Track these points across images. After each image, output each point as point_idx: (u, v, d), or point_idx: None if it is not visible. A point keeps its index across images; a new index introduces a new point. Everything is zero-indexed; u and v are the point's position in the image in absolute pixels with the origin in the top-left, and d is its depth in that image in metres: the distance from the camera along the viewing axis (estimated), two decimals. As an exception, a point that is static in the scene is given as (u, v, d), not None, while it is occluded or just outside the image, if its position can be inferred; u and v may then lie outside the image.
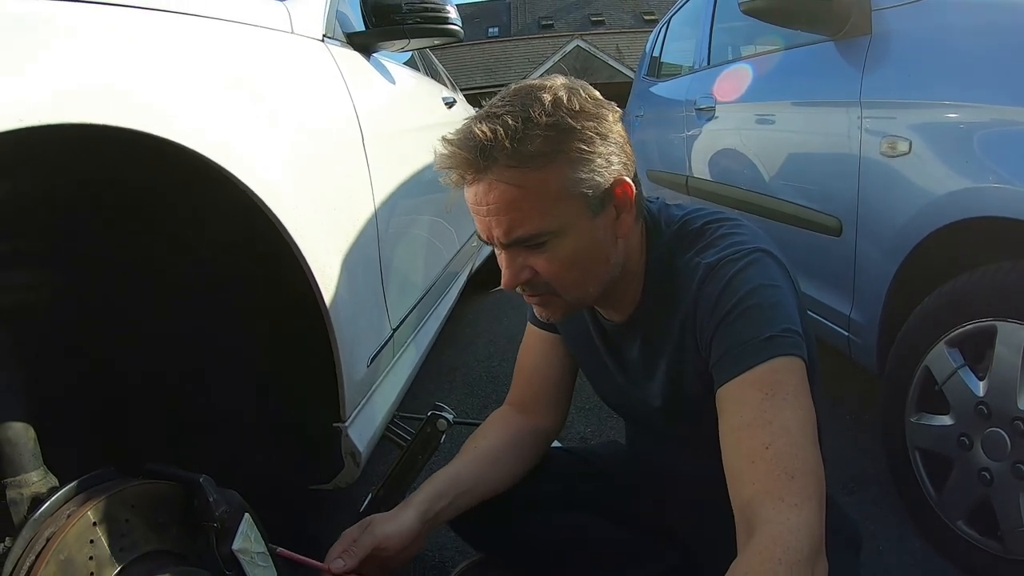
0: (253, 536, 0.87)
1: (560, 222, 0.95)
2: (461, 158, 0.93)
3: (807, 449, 0.89)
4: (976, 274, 1.41)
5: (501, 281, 1.01)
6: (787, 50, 2.26)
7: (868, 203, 1.70)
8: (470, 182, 0.95)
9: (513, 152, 0.90)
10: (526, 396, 1.32)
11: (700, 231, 1.07)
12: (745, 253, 0.99)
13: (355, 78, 1.63)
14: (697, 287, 1.01)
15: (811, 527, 0.84)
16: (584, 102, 0.96)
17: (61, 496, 0.74)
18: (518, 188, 0.92)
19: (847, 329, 1.87)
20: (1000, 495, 1.36)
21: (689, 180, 3.18)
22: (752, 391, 0.92)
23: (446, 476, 1.19)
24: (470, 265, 3.30)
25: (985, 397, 1.37)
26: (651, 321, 1.10)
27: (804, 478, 0.86)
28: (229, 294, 1.15)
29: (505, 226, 0.94)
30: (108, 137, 0.77)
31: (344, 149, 1.47)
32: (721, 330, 0.97)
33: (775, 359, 0.92)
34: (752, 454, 0.89)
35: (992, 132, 1.37)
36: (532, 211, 0.93)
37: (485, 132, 0.90)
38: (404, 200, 1.86)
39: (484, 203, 0.94)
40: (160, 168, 0.95)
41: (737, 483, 0.91)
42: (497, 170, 0.92)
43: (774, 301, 0.96)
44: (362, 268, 1.44)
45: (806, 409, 0.91)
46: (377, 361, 1.49)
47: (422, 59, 3.41)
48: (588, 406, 2.36)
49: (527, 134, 0.91)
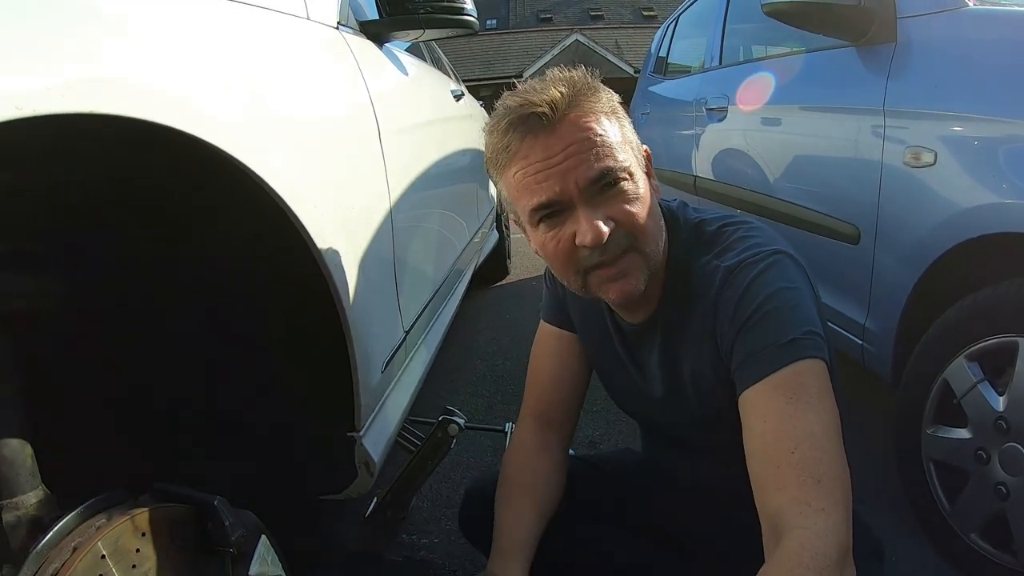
0: (270, 559, 0.84)
1: (632, 163, 0.99)
2: (530, 115, 0.95)
3: (832, 453, 0.88)
4: (999, 288, 1.39)
5: (588, 239, 0.95)
6: (805, 53, 2.24)
7: (889, 212, 1.68)
8: (535, 139, 0.95)
9: (579, 103, 0.96)
10: (549, 407, 1.29)
11: (717, 233, 1.06)
12: (764, 256, 0.99)
13: (370, 68, 1.58)
14: (716, 292, 1.00)
15: (839, 532, 0.83)
16: (599, 81, 1.03)
17: (66, 524, 0.69)
18: (592, 130, 0.95)
19: (861, 338, 1.85)
20: (1016, 509, 1.35)
21: (697, 180, 3.14)
22: (775, 395, 0.91)
23: (528, 532, 1.15)
24: (475, 261, 3.27)
25: (1004, 412, 1.36)
26: (670, 323, 1.09)
27: (831, 482, 0.86)
28: (239, 295, 1.12)
29: (591, 160, 0.94)
30: (119, 132, 0.72)
31: (361, 142, 1.42)
32: (742, 335, 0.96)
33: (797, 362, 0.92)
34: (778, 459, 0.88)
35: (1017, 148, 1.35)
36: (611, 145, 0.96)
37: (548, 91, 0.95)
38: (418, 195, 1.81)
39: (559, 151, 0.94)
40: (169, 163, 0.91)
41: (763, 488, 0.90)
42: (568, 120, 0.95)
43: (794, 303, 0.96)
44: (377, 267, 1.40)
45: (830, 412, 0.91)
46: (391, 366, 1.45)
47: (428, 50, 3.36)
48: (597, 408, 2.34)
49: (584, 90, 0.97)
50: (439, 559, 1.58)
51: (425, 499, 1.83)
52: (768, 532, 0.88)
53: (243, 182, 0.92)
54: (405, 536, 1.68)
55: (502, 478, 1.22)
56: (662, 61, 4.38)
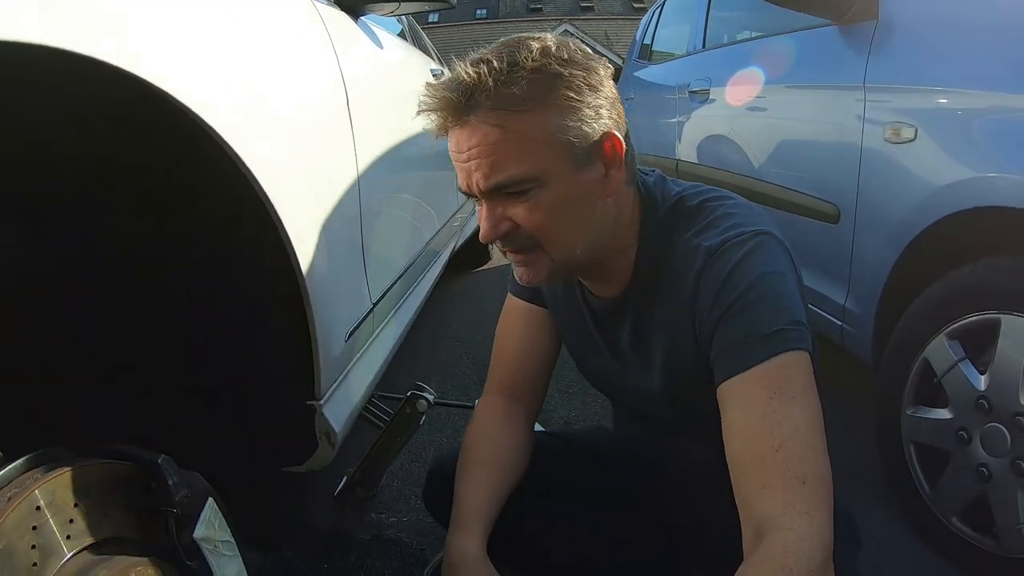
0: (217, 523, 0.80)
1: (542, 169, 0.90)
2: (445, 99, 0.89)
3: (817, 450, 0.86)
4: (980, 265, 1.37)
5: (480, 234, 0.97)
6: (787, 34, 2.21)
7: (868, 190, 1.66)
8: (452, 126, 0.91)
9: (496, 94, 0.87)
10: (515, 382, 1.25)
11: (699, 208, 1.02)
12: (748, 237, 0.95)
13: (342, 39, 1.55)
14: (697, 273, 0.96)
15: (822, 535, 0.82)
16: (574, 53, 0.93)
17: (3, 476, 0.66)
18: (500, 130, 0.88)
19: (841, 318, 1.84)
20: (998, 492, 1.33)
21: (680, 164, 3.13)
22: (759, 388, 0.88)
23: (485, 501, 1.12)
24: (452, 244, 3.23)
25: (986, 391, 1.34)
26: (644, 300, 1.06)
27: (815, 482, 0.84)
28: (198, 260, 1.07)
29: (485, 170, 0.90)
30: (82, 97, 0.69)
31: (329, 113, 1.39)
32: (724, 322, 0.93)
33: (782, 354, 0.89)
34: (762, 456, 0.85)
35: (1000, 120, 1.34)
36: (513, 155, 0.89)
37: (470, 73, 0.88)
38: (388, 168, 1.78)
39: (465, 148, 0.91)
40: (131, 122, 0.88)
41: (744, 484, 0.87)
42: (480, 112, 0.88)
43: (779, 291, 0.92)
44: (342, 237, 1.37)
45: (814, 407, 0.89)
46: (355, 336, 1.42)
47: (410, 30, 3.32)
48: (572, 390, 2.32)
49: (512, 77, 0.87)
50: (407, 537, 1.55)
51: (395, 477, 1.80)
52: (748, 528, 0.86)
53: (201, 146, 0.90)
54: (374, 514, 1.64)
55: (462, 452, 1.19)
56: (647, 48, 4.38)
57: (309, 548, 1.50)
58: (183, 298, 1.08)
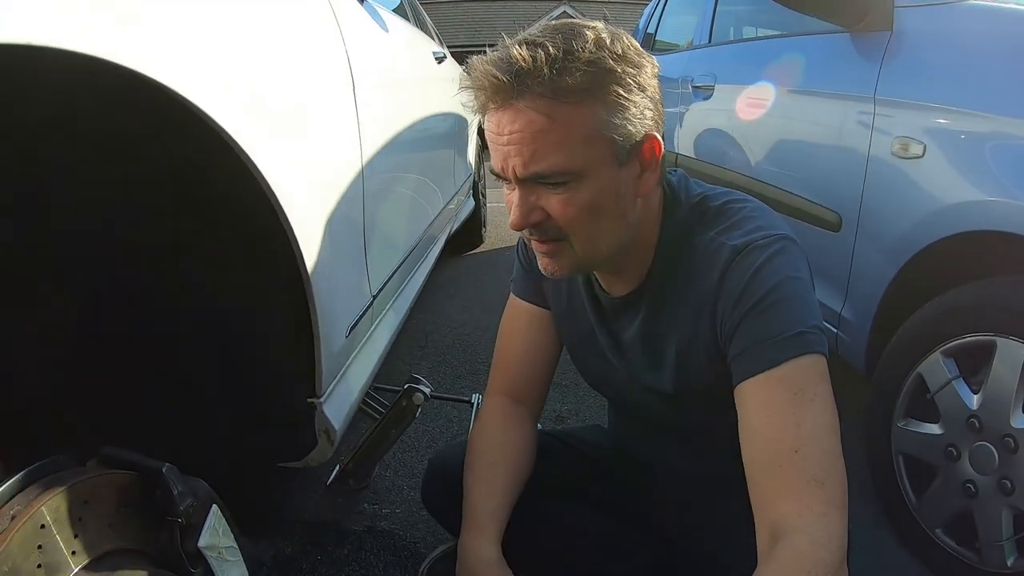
0: (221, 530, 0.80)
1: (583, 164, 0.89)
2: (494, 79, 0.87)
3: (835, 454, 0.87)
4: (980, 286, 1.39)
5: (510, 220, 0.95)
6: (796, 36, 2.20)
7: (872, 202, 1.66)
8: (496, 107, 0.89)
9: (550, 81, 0.85)
10: (519, 384, 1.25)
11: (721, 209, 1.02)
12: (773, 240, 0.95)
13: (348, 21, 1.52)
14: (722, 269, 0.96)
15: (838, 538, 0.83)
16: (627, 48, 0.91)
17: (4, 492, 0.65)
18: (547, 119, 0.86)
19: (836, 326, 1.85)
20: (983, 508, 1.35)
21: (679, 158, 3.12)
22: (779, 389, 0.89)
23: (499, 504, 1.12)
24: (448, 228, 3.22)
25: (978, 411, 1.35)
26: (659, 297, 1.05)
27: (833, 485, 0.85)
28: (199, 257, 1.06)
29: (525, 157, 0.88)
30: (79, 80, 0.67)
31: (334, 97, 1.36)
32: (747, 321, 0.93)
33: (803, 356, 0.89)
34: (780, 457, 0.86)
35: (1007, 145, 1.34)
36: (556, 146, 0.88)
37: (524, 56, 0.85)
38: (392, 156, 1.76)
39: (507, 131, 0.89)
40: (130, 120, 0.86)
41: (761, 485, 0.88)
42: (529, 97, 0.86)
43: (801, 296, 0.93)
44: (345, 229, 1.35)
45: (832, 411, 0.89)
46: (356, 330, 1.41)
47: (412, 9, 3.28)
48: (566, 383, 2.32)
49: (567, 66, 0.85)
50: (400, 530, 1.55)
51: (388, 468, 1.80)
52: (764, 529, 0.86)
53: (205, 134, 0.87)
54: (367, 505, 1.65)
55: (470, 453, 1.19)
56: (650, 37, 4.33)
57: (301, 538, 1.51)
58: (184, 295, 1.07)
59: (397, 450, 1.84)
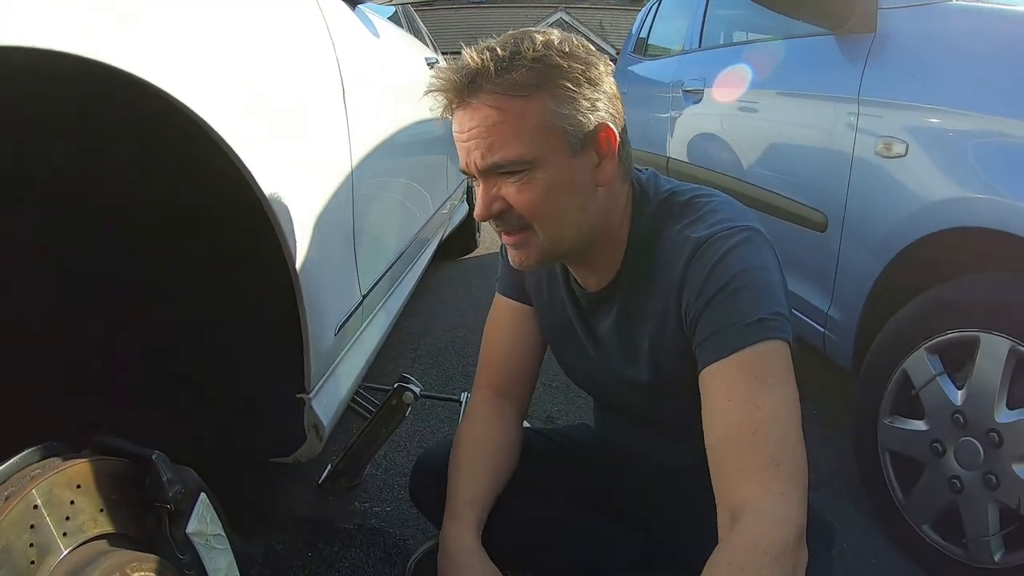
0: (209, 517, 0.81)
1: (536, 152, 0.94)
2: (450, 81, 0.95)
3: (793, 436, 0.89)
4: (963, 283, 1.40)
5: (475, 211, 1.01)
6: (784, 40, 2.22)
7: (857, 201, 1.68)
8: (456, 107, 0.96)
9: (498, 79, 0.92)
10: (504, 379, 1.27)
11: (688, 204, 1.05)
12: (736, 230, 0.98)
13: (339, 26, 1.54)
14: (686, 262, 0.99)
15: (796, 518, 0.84)
16: (575, 48, 0.97)
17: (0, 473, 0.67)
18: (499, 112, 0.93)
19: (823, 325, 1.86)
20: (969, 503, 1.36)
21: (670, 162, 3.14)
22: (740, 374, 0.91)
23: (479, 493, 1.15)
24: (441, 232, 3.24)
25: (962, 406, 1.37)
26: (631, 291, 1.08)
27: (790, 466, 0.87)
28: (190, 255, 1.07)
29: (483, 149, 0.95)
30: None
31: (323, 101, 1.39)
32: (709, 309, 0.96)
33: (764, 342, 0.92)
34: (739, 439, 0.88)
35: (990, 143, 1.36)
36: (510, 136, 0.93)
37: (475, 58, 0.93)
38: (382, 160, 1.78)
39: (467, 128, 0.95)
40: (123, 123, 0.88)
41: (721, 467, 0.90)
42: (482, 94, 0.93)
43: (764, 282, 0.95)
44: (335, 229, 1.37)
45: (792, 395, 0.92)
46: (345, 329, 1.42)
47: (405, 16, 3.30)
48: (555, 383, 2.33)
49: (514, 63, 0.92)
50: (391, 528, 1.56)
51: (379, 467, 1.81)
52: (724, 512, 0.88)
53: (197, 136, 0.89)
54: (358, 504, 1.66)
55: (455, 445, 1.21)
56: (642, 42, 4.37)
57: (292, 536, 1.51)
58: (175, 291, 1.08)
59: (388, 449, 1.85)
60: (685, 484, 1.11)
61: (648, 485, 1.26)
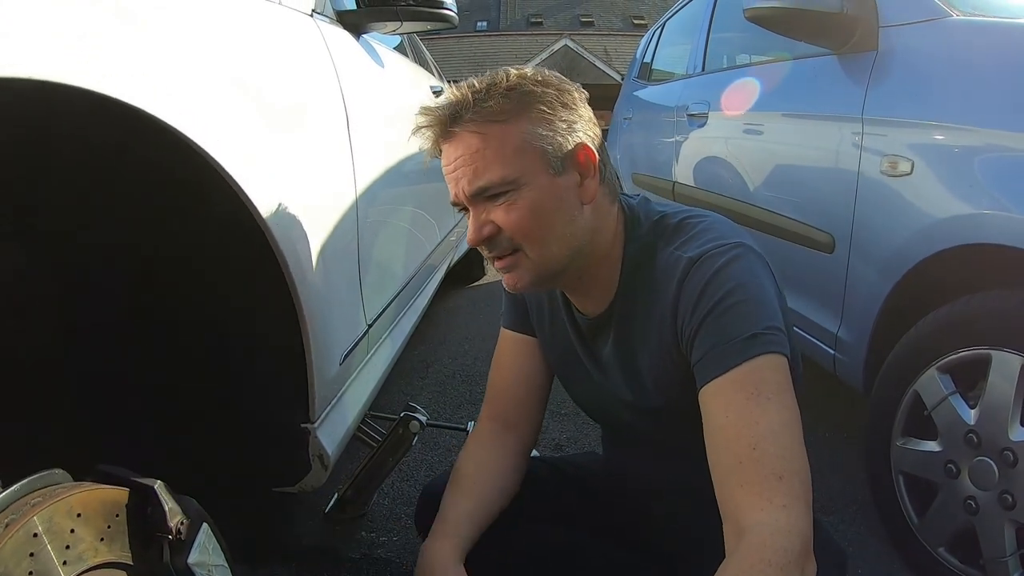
0: (211, 547, 0.80)
1: (518, 173, 0.98)
2: (434, 118, 1.00)
3: (793, 449, 0.89)
4: (973, 300, 1.38)
5: (467, 238, 1.05)
6: (786, 61, 2.23)
7: (864, 221, 1.67)
8: (442, 141, 1.01)
9: (477, 108, 0.97)
10: (508, 410, 1.27)
11: (680, 226, 1.07)
12: (728, 248, 0.99)
13: (343, 57, 1.56)
14: (679, 282, 1.00)
15: (800, 528, 0.85)
16: (549, 78, 1.03)
17: (1, 501, 0.66)
18: (480, 138, 0.97)
19: (833, 347, 1.84)
20: (985, 524, 1.34)
21: (676, 186, 3.14)
22: (736, 390, 0.92)
23: (465, 514, 1.15)
24: (449, 260, 3.24)
25: (976, 425, 1.35)
26: (627, 315, 1.09)
27: (792, 479, 0.87)
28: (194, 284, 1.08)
29: (469, 176, 0.98)
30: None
31: (328, 131, 1.40)
32: (703, 328, 0.96)
33: (759, 357, 0.92)
34: (739, 455, 0.89)
35: (996, 158, 1.35)
36: (493, 160, 0.97)
37: (455, 93, 1.00)
38: (387, 187, 1.79)
39: (452, 159, 1.00)
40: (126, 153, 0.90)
41: (724, 484, 0.91)
42: (462, 124, 0.98)
43: (757, 298, 0.96)
44: (339, 258, 1.38)
45: (790, 408, 0.92)
46: (350, 358, 1.42)
47: (411, 45, 3.34)
48: (564, 411, 2.32)
49: (490, 93, 0.98)
50: (397, 558, 1.55)
51: (385, 496, 1.80)
52: (729, 527, 0.89)
53: (199, 164, 0.90)
54: (364, 533, 1.64)
55: (452, 472, 1.22)
56: (646, 67, 4.39)
57: (298, 565, 1.50)
58: (179, 321, 1.08)
59: (394, 479, 1.84)
60: (694, 508, 1.10)
61: (656, 509, 1.24)
